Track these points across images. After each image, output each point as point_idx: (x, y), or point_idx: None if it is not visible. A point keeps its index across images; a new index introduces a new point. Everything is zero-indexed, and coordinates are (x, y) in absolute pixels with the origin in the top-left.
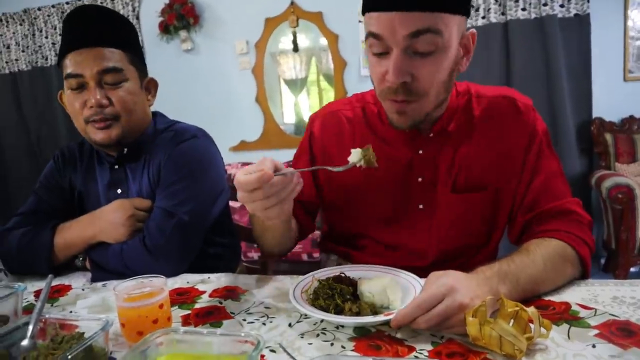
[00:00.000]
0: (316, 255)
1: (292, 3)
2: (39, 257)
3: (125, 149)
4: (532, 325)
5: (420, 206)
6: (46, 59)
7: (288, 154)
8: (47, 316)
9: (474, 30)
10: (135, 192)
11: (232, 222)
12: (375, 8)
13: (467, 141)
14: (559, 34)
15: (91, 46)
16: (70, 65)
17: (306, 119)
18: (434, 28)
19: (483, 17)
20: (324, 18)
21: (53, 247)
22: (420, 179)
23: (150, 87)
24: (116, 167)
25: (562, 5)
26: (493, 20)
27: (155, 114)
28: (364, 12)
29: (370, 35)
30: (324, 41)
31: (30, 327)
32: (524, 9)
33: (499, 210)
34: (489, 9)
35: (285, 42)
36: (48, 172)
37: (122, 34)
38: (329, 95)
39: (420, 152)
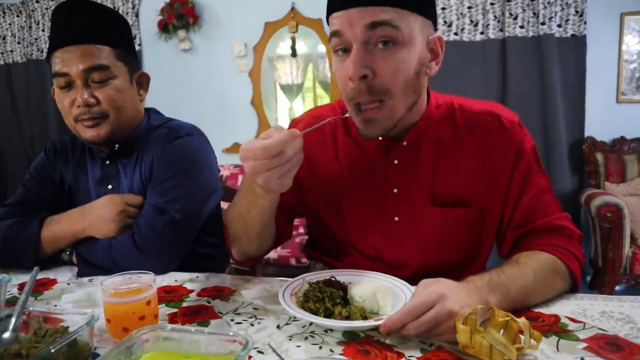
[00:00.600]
0: (304, 260)
1: (292, 9)
2: (25, 249)
3: (117, 145)
4: (522, 336)
5: (396, 218)
6: (41, 52)
7: None
8: (30, 309)
9: (440, 35)
10: (126, 188)
11: (223, 223)
12: (336, 8)
13: (449, 153)
14: (556, 53)
15: (77, 43)
16: (57, 63)
17: None
18: (391, 22)
19: (482, 33)
20: (324, 25)
21: (40, 240)
22: (395, 190)
23: (142, 81)
24: (107, 162)
25: (559, 25)
26: (491, 36)
27: (150, 110)
28: (327, 16)
29: (331, 35)
30: (321, 48)
31: (13, 320)
32: (522, 27)
33: (486, 228)
34: (488, 25)
35: (283, 47)
36: (38, 163)
37: (109, 29)
38: (324, 102)
39: (396, 162)
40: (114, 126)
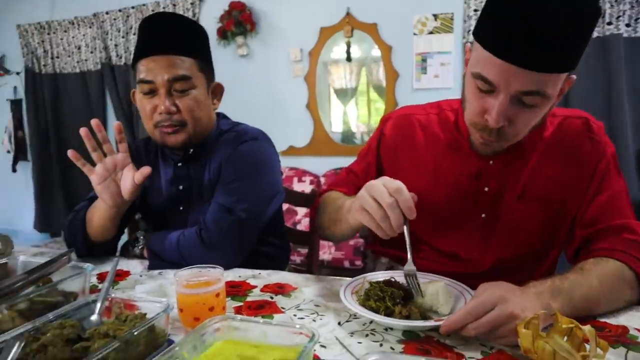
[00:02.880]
0: (358, 262)
1: (347, 14)
2: (76, 232)
3: (191, 150)
4: (587, 346)
5: (483, 215)
6: (109, 59)
7: (335, 162)
8: (112, 295)
9: (574, 76)
10: (195, 189)
11: (284, 224)
12: (500, 54)
13: (538, 156)
14: (623, 55)
15: (163, 53)
16: (142, 70)
17: (354, 128)
18: (543, 91)
19: None
20: (379, 29)
21: (85, 224)
22: (486, 189)
23: (216, 91)
24: (179, 164)
25: (628, 25)
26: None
27: (219, 115)
28: (479, 39)
29: (480, 77)
30: (375, 52)
31: (98, 305)
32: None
33: (561, 224)
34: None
35: (337, 52)
36: None
37: (193, 41)
38: (377, 106)
39: (491, 162)
40: (191, 134)
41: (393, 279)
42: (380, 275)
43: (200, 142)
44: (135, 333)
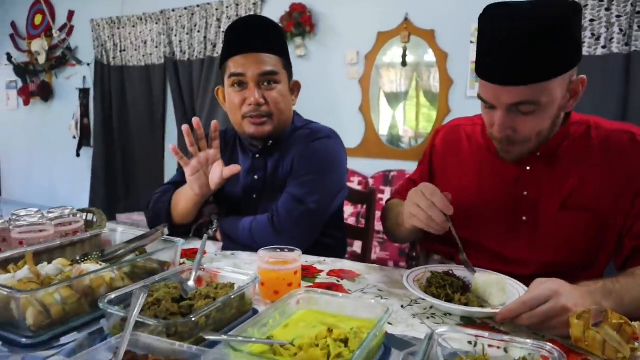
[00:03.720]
0: (402, 264)
1: (405, 19)
2: (161, 212)
3: (270, 142)
4: (636, 343)
5: (524, 218)
6: (173, 54)
7: (384, 164)
8: (204, 266)
9: (584, 76)
10: (269, 180)
11: (343, 219)
12: (484, 78)
13: (581, 166)
14: None
15: (254, 51)
16: (233, 66)
17: (401, 132)
18: (533, 100)
19: (604, 47)
20: (436, 35)
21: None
22: (525, 193)
23: (294, 88)
24: (257, 155)
25: None
26: (615, 50)
27: (294, 112)
28: (475, 71)
29: (480, 98)
30: (428, 58)
31: (194, 273)
32: None
33: (607, 235)
34: (612, 39)
35: (390, 56)
36: None
37: (278, 41)
38: (425, 112)
39: (528, 168)
40: (276, 125)
41: (451, 271)
42: (440, 268)
43: (278, 135)
44: (232, 297)
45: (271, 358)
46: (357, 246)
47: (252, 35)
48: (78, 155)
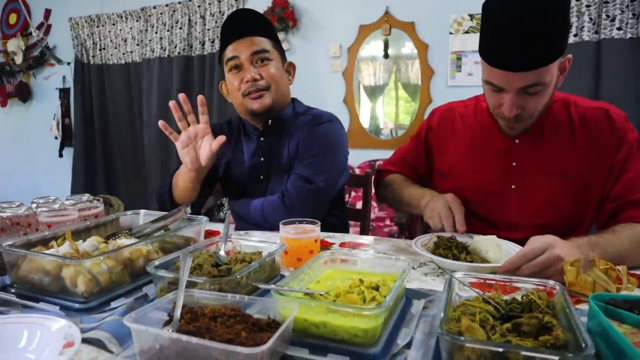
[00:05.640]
0: None
1: (386, 12)
2: (164, 193)
3: (270, 121)
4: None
5: (513, 186)
6: (153, 52)
7: (369, 154)
8: (232, 236)
9: (570, 55)
10: (275, 161)
11: (344, 199)
12: (495, 65)
13: (563, 138)
14: None
15: (245, 36)
16: (229, 52)
17: (381, 124)
18: (540, 81)
19: (575, 35)
20: (416, 28)
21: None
22: (514, 164)
23: (289, 69)
24: (261, 139)
25: None
26: (585, 38)
27: (293, 99)
28: (481, 55)
29: (488, 83)
30: (406, 50)
31: (223, 244)
32: (619, 29)
33: (589, 199)
34: (583, 27)
35: (369, 50)
36: None
37: (265, 26)
38: (403, 104)
39: (517, 141)
40: (274, 98)
41: (454, 237)
42: (443, 234)
43: (278, 116)
44: (267, 259)
45: (316, 299)
46: (352, 230)
47: (241, 23)
48: (61, 155)
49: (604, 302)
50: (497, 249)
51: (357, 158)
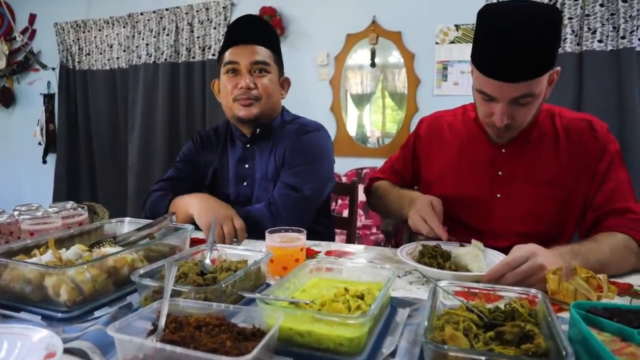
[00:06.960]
0: None
1: (373, 22)
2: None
3: (258, 130)
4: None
5: (498, 195)
6: (140, 58)
7: (356, 162)
8: (217, 246)
9: (558, 68)
10: (260, 168)
11: (330, 207)
12: (490, 75)
13: (547, 148)
14: (636, 68)
15: (248, 43)
16: (229, 56)
17: (368, 133)
18: (531, 92)
19: None
20: (403, 37)
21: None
22: (500, 173)
23: (284, 84)
24: (247, 145)
25: None
26: (568, 49)
27: (282, 108)
28: (474, 64)
29: (480, 92)
30: (393, 59)
31: (208, 253)
32: (600, 41)
33: (572, 208)
34: (565, 39)
35: (357, 59)
36: (187, 149)
37: (271, 37)
38: (391, 112)
39: (503, 150)
40: (263, 110)
41: (438, 245)
42: (428, 244)
43: (266, 125)
44: (252, 268)
45: (302, 308)
46: (338, 238)
47: (248, 30)
48: (44, 162)
49: (584, 310)
50: (474, 258)
51: (343, 166)
